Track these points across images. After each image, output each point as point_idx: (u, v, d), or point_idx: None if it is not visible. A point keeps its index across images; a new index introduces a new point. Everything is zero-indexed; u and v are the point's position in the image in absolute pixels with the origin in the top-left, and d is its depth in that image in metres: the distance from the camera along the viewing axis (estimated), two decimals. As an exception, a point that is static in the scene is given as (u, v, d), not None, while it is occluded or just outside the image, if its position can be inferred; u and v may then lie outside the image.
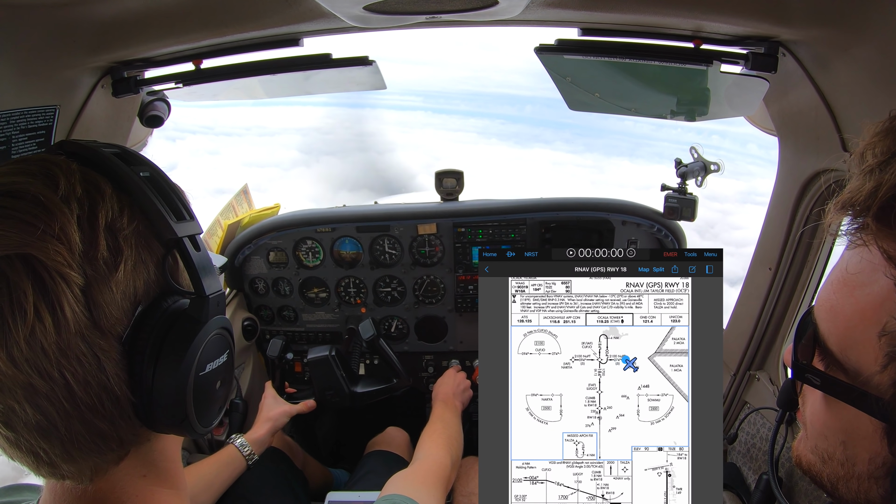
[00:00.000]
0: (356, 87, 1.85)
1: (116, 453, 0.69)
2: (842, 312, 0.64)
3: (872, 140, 0.61)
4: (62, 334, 0.58)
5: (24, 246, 0.57)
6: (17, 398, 0.59)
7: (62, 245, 0.58)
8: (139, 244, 0.66)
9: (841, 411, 0.67)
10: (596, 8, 1.32)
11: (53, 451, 0.63)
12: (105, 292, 0.61)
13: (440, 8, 1.33)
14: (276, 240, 2.54)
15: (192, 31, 1.37)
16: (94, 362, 0.61)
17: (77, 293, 0.59)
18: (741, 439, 1.87)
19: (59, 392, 0.60)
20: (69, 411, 0.61)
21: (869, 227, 0.58)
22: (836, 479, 0.70)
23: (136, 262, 0.65)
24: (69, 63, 1.33)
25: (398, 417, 2.45)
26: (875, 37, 1.08)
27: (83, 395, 0.61)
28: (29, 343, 0.57)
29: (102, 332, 0.62)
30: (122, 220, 0.64)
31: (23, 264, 0.57)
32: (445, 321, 2.68)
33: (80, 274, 0.59)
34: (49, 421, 0.61)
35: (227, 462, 1.74)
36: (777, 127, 1.58)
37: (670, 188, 2.27)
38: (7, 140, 1.21)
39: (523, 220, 2.48)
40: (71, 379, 0.60)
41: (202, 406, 0.71)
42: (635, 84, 1.74)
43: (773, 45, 1.35)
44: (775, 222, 1.69)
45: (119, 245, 0.63)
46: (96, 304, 0.61)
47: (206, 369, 0.70)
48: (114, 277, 0.62)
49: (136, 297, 0.65)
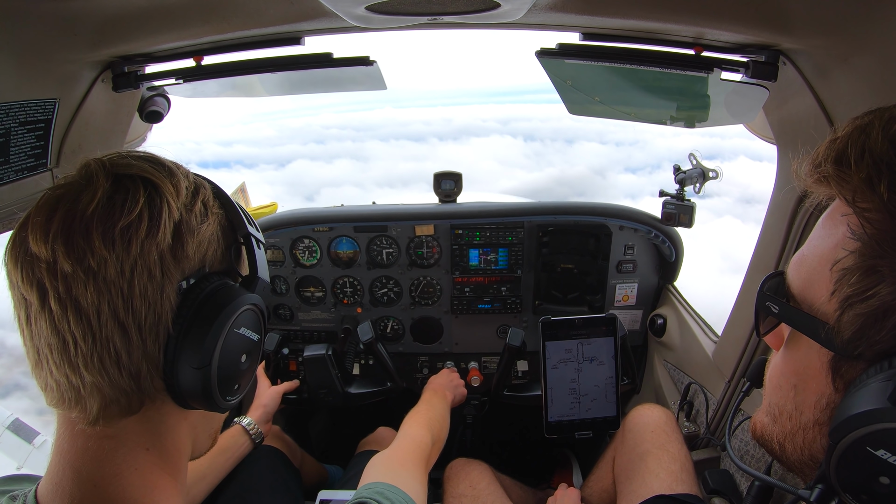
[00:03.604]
0: (357, 87, 1.85)
1: (128, 397, 0.74)
2: (806, 259, 0.72)
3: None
4: (149, 240, 0.71)
5: (153, 175, 0.75)
6: (89, 274, 0.68)
7: (175, 189, 0.76)
8: (220, 225, 0.83)
9: (794, 352, 0.75)
10: (598, 13, 1.32)
11: (85, 346, 0.70)
12: (188, 238, 0.75)
13: (442, 10, 1.33)
14: (273, 238, 2.54)
15: (193, 27, 1.37)
16: (158, 282, 0.72)
17: (171, 221, 0.73)
18: (734, 445, 1.87)
19: (122, 285, 0.70)
20: (117, 309, 0.70)
21: (830, 175, 0.66)
22: (784, 436, 0.76)
23: (214, 233, 0.80)
24: (69, 57, 1.32)
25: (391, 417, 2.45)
26: (875, 47, 1.09)
27: (138, 303, 0.71)
28: (123, 232, 0.70)
29: (177, 261, 0.74)
30: (215, 205, 0.83)
31: (143, 184, 0.74)
32: (441, 322, 2.68)
33: (178, 211, 0.75)
34: (97, 311, 0.69)
35: (223, 450, 1.74)
36: (776, 135, 1.58)
37: (668, 194, 2.27)
38: (6, 133, 1.21)
39: (521, 224, 2.49)
40: (137, 282, 0.70)
41: (225, 367, 0.78)
42: (635, 89, 1.75)
43: (773, 54, 1.36)
44: (773, 230, 1.69)
45: (208, 215, 0.80)
46: (180, 239, 0.74)
47: (240, 329, 0.80)
48: (199, 231, 0.77)
49: (205, 258, 0.79)
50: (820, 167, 0.67)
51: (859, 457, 0.60)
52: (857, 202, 0.62)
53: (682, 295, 2.52)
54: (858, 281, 0.61)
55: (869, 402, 0.59)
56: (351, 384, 2.28)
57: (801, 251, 0.74)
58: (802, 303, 0.71)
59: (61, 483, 0.75)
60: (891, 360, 0.60)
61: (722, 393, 2.00)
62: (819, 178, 0.68)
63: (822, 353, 0.68)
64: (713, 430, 2.07)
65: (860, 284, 0.61)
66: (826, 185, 0.67)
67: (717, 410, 2.04)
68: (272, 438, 2.00)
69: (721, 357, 2.04)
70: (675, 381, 2.44)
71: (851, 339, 0.63)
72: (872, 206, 0.61)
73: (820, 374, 0.68)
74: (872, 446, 0.58)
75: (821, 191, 0.69)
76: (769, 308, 0.76)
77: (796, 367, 0.74)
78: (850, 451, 0.61)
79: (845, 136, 0.65)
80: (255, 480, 1.79)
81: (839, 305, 0.64)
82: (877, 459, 0.58)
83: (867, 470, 0.59)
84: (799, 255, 0.74)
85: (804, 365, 0.72)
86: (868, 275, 0.61)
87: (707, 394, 2.11)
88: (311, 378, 2.19)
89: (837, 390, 0.67)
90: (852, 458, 0.61)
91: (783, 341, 0.78)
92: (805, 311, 0.70)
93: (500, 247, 2.53)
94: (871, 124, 0.64)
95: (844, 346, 0.64)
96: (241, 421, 1.86)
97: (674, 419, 1.91)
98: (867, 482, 0.60)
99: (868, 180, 0.61)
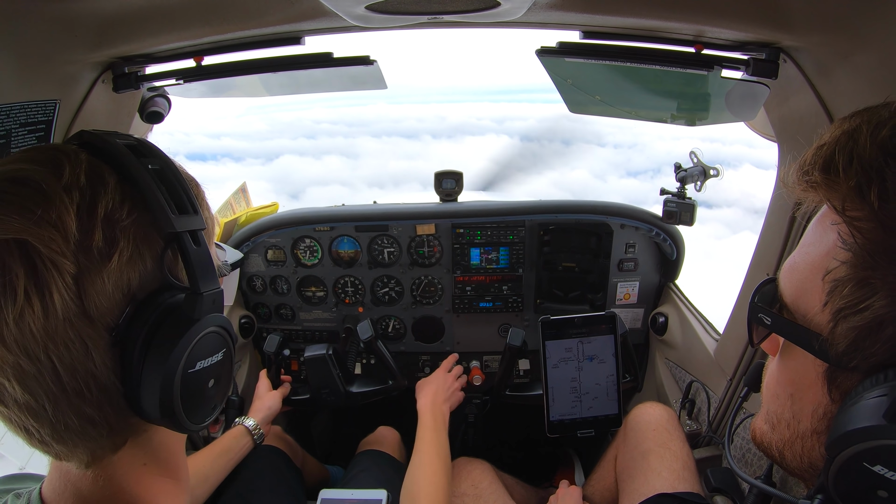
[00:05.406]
0: (357, 86, 1.85)
1: (111, 440, 0.70)
2: (797, 268, 0.70)
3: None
4: (50, 319, 0.59)
5: (20, 231, 0.58)
6: (7, 376, 0.61)
7: (57, 233, 0.59)
8: (138, 236, 0.65)
9: (790, 361, 0.73)
10: (598, 11, 1.32)
11: (43, 431, 0.65)
12: (97, 282, 0.62)
13: (442, 8, 1.33)
14: (274, 237, 2.54)
15: (193, 28, 1.37)
16: (81, 349, 0.62)
17: (68, 281, 0.59)
18: (736, 443, 1.87)
19: (47, 375, 0.61)
20: (56, 394, 0.62)
21: (818, 183, 0.65)
22: (784, 444, 0.75)
23: (132, 254, 0.65)
24: (70, 58, 1.32)
25: (393, 417, 2.45)
26: (876, 44, 1.09)
27: (70, 380, 0.62)
28: (18, 325, 0.58)
29: (91, 320, 0.62)
30: (122, 212, 0.64)
31: (18, 249, 0.58)
32: (442, 322, 2.68)
33: (72, 262, 0.60)
34: (37, 401, 0.62)
35: (226, 451, 1.75)
36: (777, 133, 1.58)
37: (669, 192, 2.27)
38: (7, 133, 1.21)
39: (522, 223, 2.48)
40: (58, 363, 0.61)
41: (191, 403, 0.70)
42: (636, 87, 1.75)
43: (774, 52, 1.35)
44: (774, 228, 1.69)
45: (116, 236, 0.63)
46: (87, 293, 0.61)
47: (196, 367, 0.70)
48: (106, 267, 0.62)
49: (130, 288, 0.65)
50: (808, 175, 0.66)
51: (857, 471, 0.59)
52: (847, 211, 0.61)
53: (684, 293, 2.51)
54: (851, 293, 0.60)
55: (865, 418, 0.58)
56: (352, 384, 2.29)
57: (792, 258, 0.73)
58: (796, 312, 0.70)
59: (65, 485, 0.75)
60: (886, 372, 0.59)
61: (724, 391, 2.00)
62: (807, 186, 0.66)
63: (816, 364, 0.67)
64: (715, 429, 2.07)
65: (853, 297, 0.60)
66: (815, 192, 0.66)
67: (719, 409, 2.04)
68: (273, 439, 2.00)
69: (723, 355, 2.04)
70: (677, 379, 2.44)
71: (846, 352, 0.62)
72: (863, 216, 0.60)
73: (816, 385, 0.68)
74: (869, 462, 0.58)
75: (810, 198, 0.68)
76: (761, 319, 0.75)
77: (792, 376, 0.73)
78: (848, 466, 0.60)
79: (833, 142, 0.64)
80: (256, 480, 1.79)
81: (832, 317, 0.63)
82: (874, 474, 0.58)
83: (865, 484, 0.59)
84: (790, 263, 0.72)
85: (800, 374, 0.71)
86: (860, 287, 0.60)
87: (709, 392, 2.11)
88: (313, 378, 2.19)
89: (834, 401, 0.66)
90: (850, 472, 0.60)
91: (779, 346, 0.77)
92: (798, 323, 0.69)
93: (501, 246, 2.53)
94: (859, 129, 0.62)
95: (839, 357, 0.63)
96: (244, 422, 1.86)
97: (676, 417, 1.91)
98: (866, 495, 0.60)
99: (858, 188, 0.60)
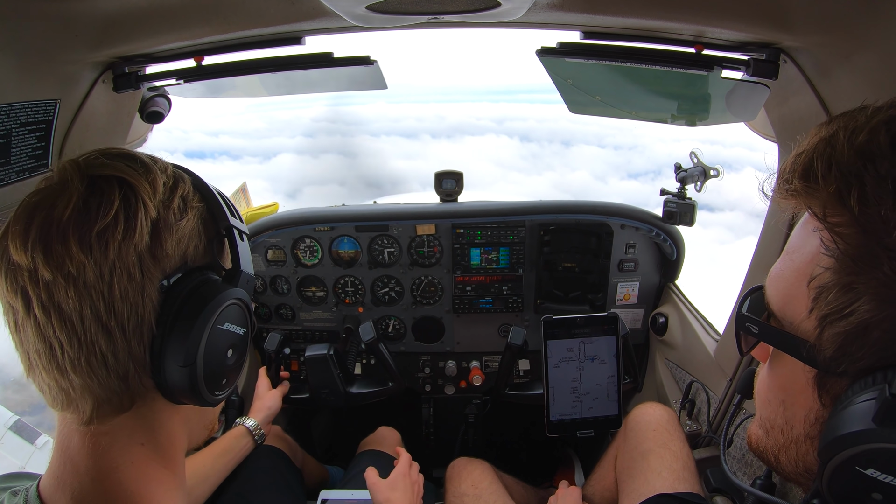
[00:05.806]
0: (357, 86, 1.85)
1: (118, 396, 0.75)
2: (782, 275, 0.71)
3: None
4: (126, 242, 0.71)
5: (126, 174, 0.74)
6: (66, 278, 0.69)
7: (151, 188, 0.75)
8: (201, 219, 0.82)
9: (779, 368, 0.74)
10: (598, 11, 1.32)
11: (68, 351, 0.70)
12: (167, 235, 0.75)
13: (442, 9, 1.33)
14: (274, 238, 2.54)
15: (194, 28, 1.37)
16: (139, 282, 0.73)
17: (148, 221, 0.73)
18: (736, 444, 1.87)
19: (101, 291, 0.70)
20: (100, 313, 0.70)
21: (798, 191, 0.65)
22: (778, 449, 0.76)
23: (194, 227, 0.80)
24: (70, 58, 1.32)
25: (392, 417, 2.45)
26: (876, 45, 1.09)
27: (117, 305, 0.71)
28: (99, 237, 0.69)
29: (156, 260, 0.74)
30: (194, 199, 0.82)
31: (119, 185, 0.73)
32: (443, 322, 2.68)
33: (155, 209, 0.74)
34: (80, 315, 0.70)
35: (226, 451, 1.75)
36: (777, 133, 1.58)
37: (669, 192, 2.27)
38: (7, 133, 1.21)
39: (522, 223, 2.49)
40: (116, 284, 0.71)
41: (211, 362, 0.78)
42: (636, 88, 1.75)
43: (774, 52, 1.35)
44: (774, 228, 1.69)
45: (187, 209, 0.79)
46: (158, 238, 0.74)
47: (224, 325, 0.80)
48: (177, 227, 0.77)
49: (186, 256, 0.79)
50: (788, 183, 0.66)
51: (850, 475, 0.60)
52: (829, 217, 0.62)
53: (684, 293, 2.51)
54: (836, 298, 0.61)
55: (855, 423, 0.58)
56: (353, 384, 2.28)
57: (777, 265, 0.73)
58: (783, 320, 0.70)
59: (62, 477, 0.77)
60: (874, 375, 0.59)
61: (723, 391, 2.00)
62: (787, 194, 0.67)
63: (806, 370, 0.68)
64: (715, 429, 2.07)
65: (838, 302, 0.61)
66: (795, 200, 0.67)
67: (719, 409, 2.04)
68: (273, 439, 2.00)
69: (723, 355, 2.04)
70: (677, 379, 2.44)
71: (833, 357, 0.62)
72: (844, 221, 0.60)
73: (806, 390, 0.68)
74: (862, 466, 0.58)
75: (791, 205, 0.68)
76: (749, 328, 0.76)
77: (782, 382, 0.74)
78: (841, 470, 0.60)
79: (811, 150, 0.64)
80: (256, 480, 1.79)
81: (818, 323, 0.63)
82: (867, 478, 0.58)
83: (859, 487, 0.59)
84: (776, 270, 0.73)
85: (790, 381, 0.72)
86: (845, 292, 0.60)
87: (709, 392, 2.11)
88: (313, 378, 2.19)
89: (825, 406, 0.66)
90: (843, 476, 0.61)
91: (769, 353, 0.78)
92: (786, 330, 0.69)
93: (501, 246, 2.53)
94: (836, 135, 0.62)
95: (827, 363, 0.63)
96: (244, 422, 1.85)
97: (676, 418, 1.91)
98: (860, 499, 0.60)
99: (837, 194, 0.60)
